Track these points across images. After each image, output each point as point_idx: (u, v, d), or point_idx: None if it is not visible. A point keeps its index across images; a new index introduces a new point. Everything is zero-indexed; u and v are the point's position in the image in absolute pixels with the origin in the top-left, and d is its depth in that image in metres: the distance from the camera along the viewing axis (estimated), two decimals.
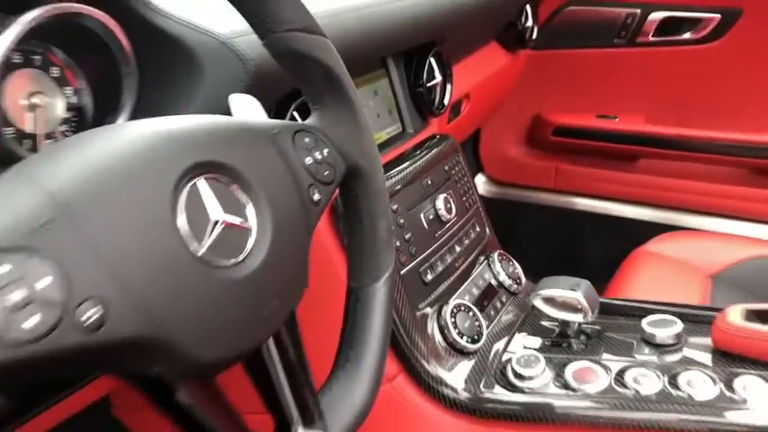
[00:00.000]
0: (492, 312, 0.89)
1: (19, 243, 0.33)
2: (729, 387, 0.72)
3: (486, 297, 0.91)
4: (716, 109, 1.45)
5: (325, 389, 0.51)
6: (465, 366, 0.81)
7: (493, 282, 0.94)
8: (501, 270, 0.95)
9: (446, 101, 1.02)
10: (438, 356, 0.81)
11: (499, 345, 0.84)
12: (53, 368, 0.35)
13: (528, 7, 1.41)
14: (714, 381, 0.73)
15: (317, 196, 0.50)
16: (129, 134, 0.41)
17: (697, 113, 1.47)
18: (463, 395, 0.79)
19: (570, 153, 1.60)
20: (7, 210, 0.35)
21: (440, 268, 0.86)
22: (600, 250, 1.48)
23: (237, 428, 0.45)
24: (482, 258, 0.95)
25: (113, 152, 0.39)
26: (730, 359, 0.76)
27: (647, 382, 0.74)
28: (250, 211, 0.44)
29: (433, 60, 1.00)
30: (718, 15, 1.39)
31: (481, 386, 0.79)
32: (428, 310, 0.83)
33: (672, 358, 0.78)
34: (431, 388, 0.79)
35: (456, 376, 0.80)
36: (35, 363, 0.33)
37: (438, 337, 0.82)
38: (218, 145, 0.43)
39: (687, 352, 0.78)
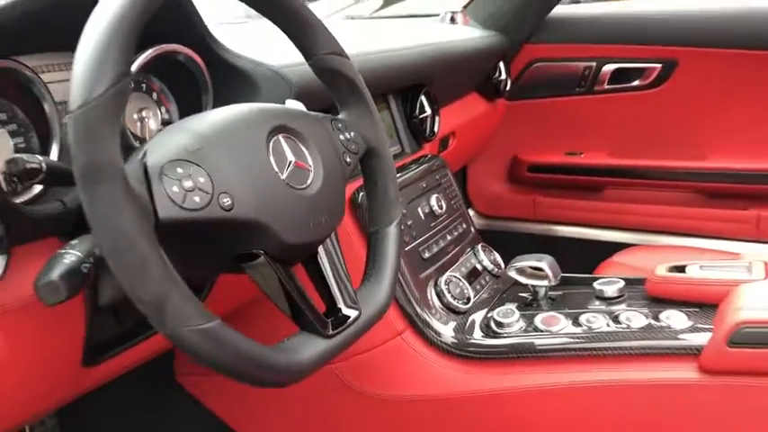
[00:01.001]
0: (478, 287, 1.13)
1: (185, 158, 0.58)
2: (657, 319, 0.95)
3: (473, 276, 1.14)
4: (664, 142, 1.72)
5: (358, 290, 0.74)
6: (457, 322, 1.04)
7: (478, 266, 1.17)
8: (484, 257, 1.19)
9: (436, 129, 1.29)
10: (436, 315, 1.04)
11: (483, 307, 1.07)
12: (207, 232, 0.58)
13: (501, 64, 1.70)
14: (646, 316, 0.96)
15: (348, 159, 0.74)
16: (241, 108, 0.66)
17: (649, 147, 1.74)
18: (455, 343, 1.01)
19: (545, 187, 1.85)
20: (175, 141, 0.59)
21: (435, 249, 1.10)
22: (575, 270, 1.70)
23: (309, 303, 0.66)
24: (468, 249, 1.20)
25: (231, 115, 0.64)
26: (658, 302, 0.99)
27: (596, 321, 0.97)
28: (309, 159, 0.68)
29: (423, 98, 1.27)
30: (660, 65, 1.68)
31: (468, 336, 1.01)
32: (427, 280, 1.06)
33: (616, 306, 1.01)
34: (431, 339, 1.02)
35: (450, 329, 1.03)
36: (198, 224, 0.57)
37: (436, 301, 1.05)
38: (290, 117, 0.69)
39: (627, 301, 1.01)
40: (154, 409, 1.22)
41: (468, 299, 1.07)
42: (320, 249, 0.71)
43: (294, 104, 0.79)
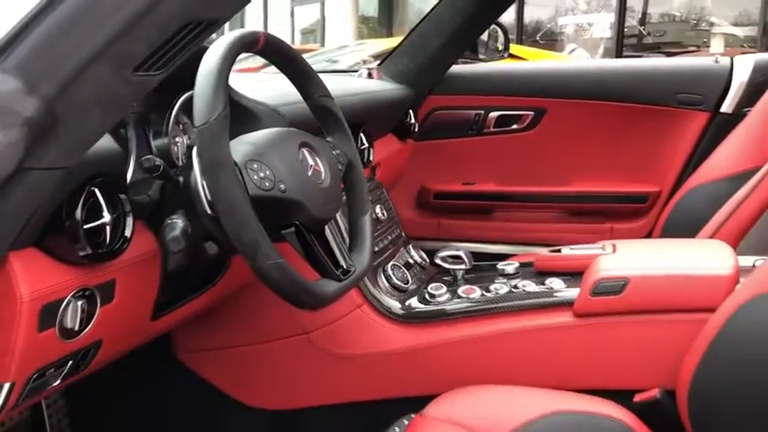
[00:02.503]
0: (412, 274, 1.48)
1: (256, 158, 0.90)
2: (543, 284, 1.34)
3: (407, 267, 1.50)
4: (538, 173, 2.18)
5: (349, 256, 1.07)
6: (400, 297, 1.39)
7: (410, 260, 1.54)
8: (414, 254, 1.55)
9: (371, 158, 1.65)
10: (386, 293, 1.38)
11: (418, 286, 1.43)
12: (270, 206, 0.90)
13: (410, 111, 2.10)
14: (536, 283, 1.35)
15: (339, 167, 1.09)
16: (279, 130, 0.99)
17: (526, 176, 2.18)
18: (400, 312, 1.36)
19: (447, 211, 2.26)
20: (244, 149, 0.91)
21: (380, 246, 1.45)
22: None
23: (326, 259, 0.99)
24: (401, 247, 1.56)
25: (274, 133, 0.98)
26: (544, 274, 1.38)
27: (501, 288, 1.35)
28: (320, 165, 1.02)
29: (362, 134, 1.63)
30: (532, 112, 2.14)
31: (410, 306, 1.36)
32: (377, 267, 1.41)
33: (514, 280, 1.39)
34: (382, 310, 1.36)
35: (396, 302, 1.38)
36: (266, 200, 0.89)
37: (384, 282, 1.40)
38: (309, 137, 1.02)
39: (522, 275, 1.41)
40: (156, 385, 1.46)
41: (407, 281, 1.43)
42: (326, 227, 1.04)
43: None
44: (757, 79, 1.94)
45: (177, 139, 1.15)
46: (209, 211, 0.89)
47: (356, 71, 2.14)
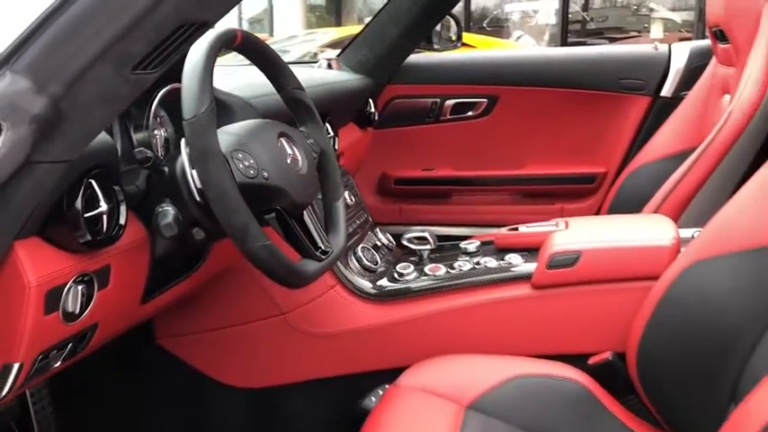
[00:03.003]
0: (380, 256, 1.57)
1: (240, 148, 0.97)
2: (503, 260, 1.44)
3: (375, 249, 1.58)
4: (492, 157, 2.28)
5: (327, 238, 1.15)
6: (371, 277, 1.47)
7: (378, 243, 1.62)
8: (382, 237, 1.64)
9: (337, 147, 1.72)
10: (357, 273, 1.46)
11: (387, 267, 1.51)
12: (254, 192, 0.96)
13: (370, 100, 2.18)
14: (496, 259, 1.45)
15: (314, 155, 1.16)
16: (258, 121, 1.06)
17: (482, 161, 2.29)
18: (371, 291, 1.44)
19: (408, 196, 2.34)
20: (228, 139, 0.98)
21: (350, 230, 1.53)
22: None
23: (307, 241, 1.06)
24: (369, 231, 1.64)
25: (254, 124, 1.04)
26: (503, 251, 1.48)
27: (464, 265, 1.44)
28: (297, 154, 1.09)
29: (327, 124, 1.70)
30: (486, 100, 2.25)
31: (380, 285, 1.45)
32: (348, 250, 1.49)
33: (476, 257, 1.49)
34: (354, 289, 1.44)
35: (367, 282, 1.46)
36: (250, 187, 0.95)
37: (356, 263, 1.48)
38: (286, 128, 1.09)
39: (483, 253, 1.50)
40: (138, 369, 1.51)
41: (377, 262, 1.51)
42: (305, 212, 1.11)
43: None
44: (693, 65, 2.08)
45: (156, 132, 1.20)
46: (198, 199, 0.95)
47: (316, 62, 2.20)
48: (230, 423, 1.48)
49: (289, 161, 1.05)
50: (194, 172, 0.93)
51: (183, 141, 0.96)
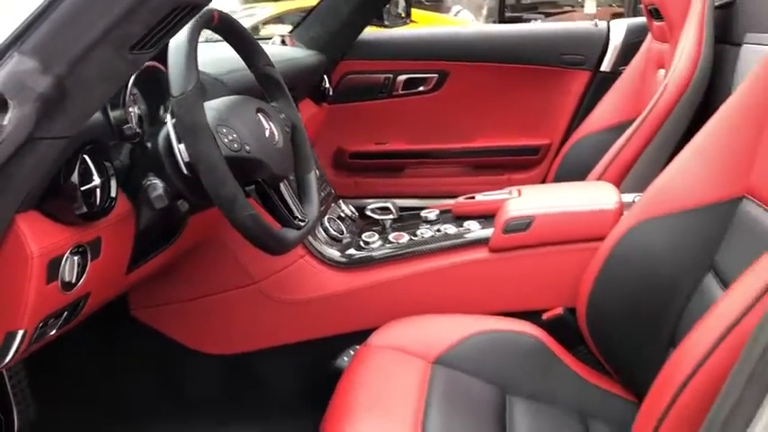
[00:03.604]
0: (346, 226, 1.64)
1: (223, 124, 1.02)
2: (461, 227, 1.54)
3: (340, 220, 1.65)
4: (443, 131, 2.38)
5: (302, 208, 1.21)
6: (338, 246, 1.55)
7: (342, 214, 1.69)
8: (345, 208, 1.71)
9: None
10: (324, 243, 1.53)
11: (353, 236, 1.59)
12: (238, 165, 1.02)
13: (325, 76, 2.23)
14: (455, 226, 1.54)
15: (287, 129, 1.22)
16: (237, 98, 1.11)
17: (433, 135, 2.38)
18: (339, 259, 1.52)
19: (363, 170, 2.42)
20: (211, 114, 1.03)
21: None
22: None
23: (285, 211, 1.12)
24: (333, 204, 1.71)
25: (234, 101, 1.09)
26: (462, 218, 1.58)
27: (425, 233, 1.54)
28: (274, 128, 1.15)
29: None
30: (436, 75, 2.33)
31: (347, 253, 1.53)
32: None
33: (436, 225, 1.58)
34: (322, 258, 1.51)
35: (334, 251, 1.54)
36: (235, 160, 1.01)
37: (323, 234, 1.55)
38: (262, 104, 1.15)
39: (443, 221, 1.60)
40: (113, 341, 1.55)
41: (342, 232, 1.59)
42: (281, 184, 1.17)
43: None
44: (630, 41, 2.22)
45: (131, 110, 1.24)
46: (185, 172, 1.00)
47: (270, 38, 2.24)
48: (207, 389, 1.55)
49: (267, 135, 1.11)
50: (181, 146, 0.98)
51: (168, 117, 1.01)
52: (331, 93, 2.25)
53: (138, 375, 1.57)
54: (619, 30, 2.27)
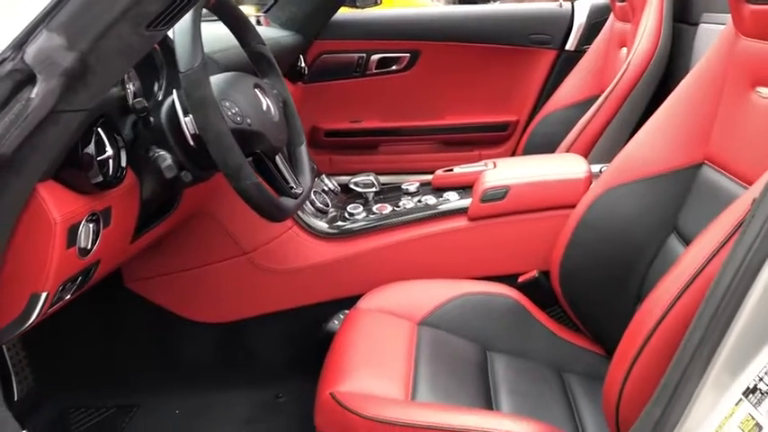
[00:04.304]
0: (330, 198, 1.71)
1: (226, 98, 1.08)
2: (441, 197, 1.62)
3: (326, 193, 1.72)
4: (416, 109, 2.45)
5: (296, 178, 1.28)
6: (324, 218, 1.62)
7: (325, 188, 1.76)
8: (328, 182, 1.78)
9: None
10: (311, 215, 1.60)
11: (338, 208, 1.67)
12: (242, 138, 1.08)
13: (301, 56, 2.28)
14: (435, 197, 1.63)
15: (280, 104, 1.28)
16: (236, 74, 1.17)
17: (406, 112, 2.45)
18: (326, 230, 1.59)
19: (337, 148, 2.48)
20: (214, 89, 1.09)
21: None
22: None
23: (282, 181, 1.19)
24: (317, 179, 1.77)
25: (233, 76, 1.15)
26: (441, 190, 1.67)
27: (407, 203, 1.62)
28: (270, 103, 1.21)
29: None
30: (408, 55, 2.40)
31: (333, 224, 1.60)
32: None
33: (417, 196, 1.66)
34: (309, 229, 1.58)
35: (320, 222, 1.61)
36: (238, 131, 1.07)
37: (309, 206, 1.62)
38: (258, 80, 1.21)
39: (423, 192, 1.68)
40: (108, 312, 1.60)
41: (328, 204, 1.66)
42: (277, 156, 1.24)
43: None
44: (593, 21, 2.32)
45: (128, 86, 1.28)
46: (191, 143, 1.06)
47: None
48: (200, 357, 1.61)
49: (264, 109, 1.17)
50: (188, 119, 1.04)
51: (174, 92, 1.06)
52: (306, 72, 2.30)
53: (132, 345, 1.62)
54: (582, 10, 2.37)
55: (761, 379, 0.80)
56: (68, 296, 1.03)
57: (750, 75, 1.13)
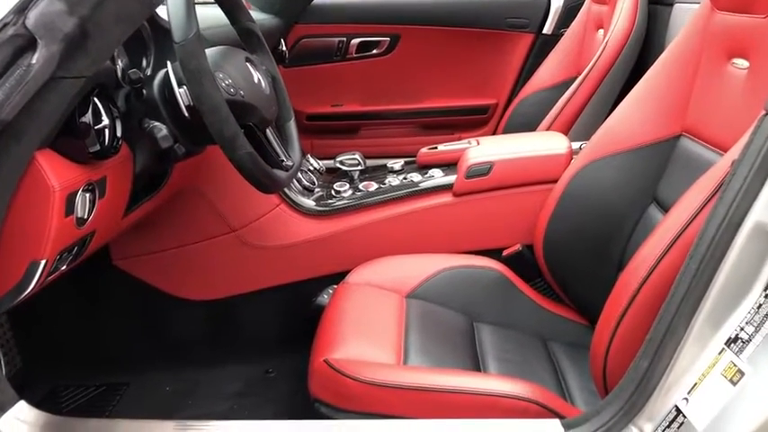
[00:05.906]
0: (316, 176, 1.73)
1: (219, 71, 1.10)
2: (426, 174, 1.65)
3: (312, 172, 1.74)
4: (396, 92, 2.48)
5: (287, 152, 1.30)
6: (311, 196, 1.64)
7: (311, 167, 1.78)
8: (314, 162, 1.79)
9: None
10: (298, 193, 1.62)
11: (324, 186, 1.69)
12: (235, 110, 1.09)
13: (281, 39, 2.29)
14: (420, 174, 1.65)
15: (269, 79, 1.29)
16: (228, 48, 1.18)
17: (387, 96, 2.48)
18: (313, 208, 1.61)
19: (319, 131, 2.50)
20: (209, 61, 1.10)
21: None
22: None
23: (273, 156, 1.21)
24: (302, 158, 1.79)
25: (226, 50, 1.16)
26: (426, 167, 1.69)
27: (393, 181, 1.64)
28: (260, 77, 1.22)
29: None
30: (388, 39, 2.42)
31: (320, 202, 1.62)
32: None
33: (402, 174, 1.69)
34: (296, 206, 1.60)
35: (308, 200, 1.62)
36: (231, 103, 1.08)
37: (296, 184, 1.63)
38: (248, 55, 1.22)
39: (408, 171, 1.71)
40: (96, 291, 1.60)
41: (314, 182, 1.68)
42: (268, 130, 1.25)
43: None
44: (570, 4, 2.36)
45: (118, 61, 1.29)
46: (186, 115, 1.07)
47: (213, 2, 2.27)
48: (190, 334, 1.62)
49: (255, 82, 1.18)
50: (182, 90, 1.05)
51: (169, 64, 1.07)
52: (287, 56, 2.31)
53: (121, 323, 1.63)
54: None
55: (742, 329, 0.84)
56: (64, 267, 1.04)
57: (726, 47, 1.18)
